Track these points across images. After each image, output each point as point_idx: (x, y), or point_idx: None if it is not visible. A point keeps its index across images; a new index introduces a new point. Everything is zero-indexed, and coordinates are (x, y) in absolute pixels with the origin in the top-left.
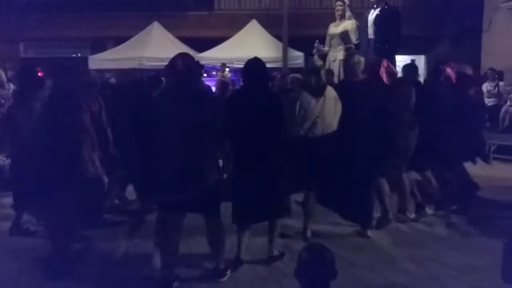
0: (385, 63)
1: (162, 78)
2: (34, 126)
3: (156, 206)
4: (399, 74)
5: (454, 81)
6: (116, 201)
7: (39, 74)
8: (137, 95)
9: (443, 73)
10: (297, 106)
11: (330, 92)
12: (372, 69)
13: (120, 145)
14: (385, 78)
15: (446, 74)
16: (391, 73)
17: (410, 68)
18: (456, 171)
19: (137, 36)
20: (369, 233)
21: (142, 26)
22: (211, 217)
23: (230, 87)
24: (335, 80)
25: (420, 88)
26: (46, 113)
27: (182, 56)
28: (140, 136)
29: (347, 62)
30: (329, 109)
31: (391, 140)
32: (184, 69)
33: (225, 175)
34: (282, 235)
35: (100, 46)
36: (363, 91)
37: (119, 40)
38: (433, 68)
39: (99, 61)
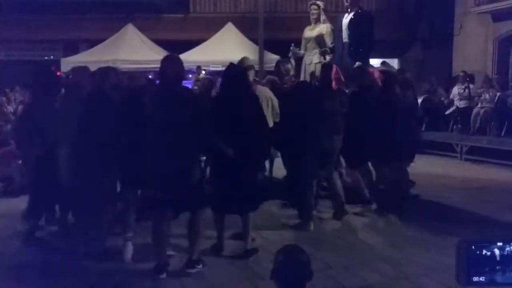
0: (334, 69)
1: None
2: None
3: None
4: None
5: (381, 84)
6: None
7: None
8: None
9: (369, 77)
10: None
11: (262, 90)
12: (323, 73)
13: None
14: (333, 83)
15: (373, 77)
16: (339, 79)
17: (358, 72)
18: (381, 171)
19: (111, 38)
20: (312, 226)
21: (116, 28)
22: (194, 212)
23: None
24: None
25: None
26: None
27: (171, 59)
28: (133, 137)
29: (276, 70)
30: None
31: (315, 141)
32: (174, 73)
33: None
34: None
35: (73, 48)
36: (290, 95)
37: (93, 43)
38: (357, 73)
39: (72, 63)
